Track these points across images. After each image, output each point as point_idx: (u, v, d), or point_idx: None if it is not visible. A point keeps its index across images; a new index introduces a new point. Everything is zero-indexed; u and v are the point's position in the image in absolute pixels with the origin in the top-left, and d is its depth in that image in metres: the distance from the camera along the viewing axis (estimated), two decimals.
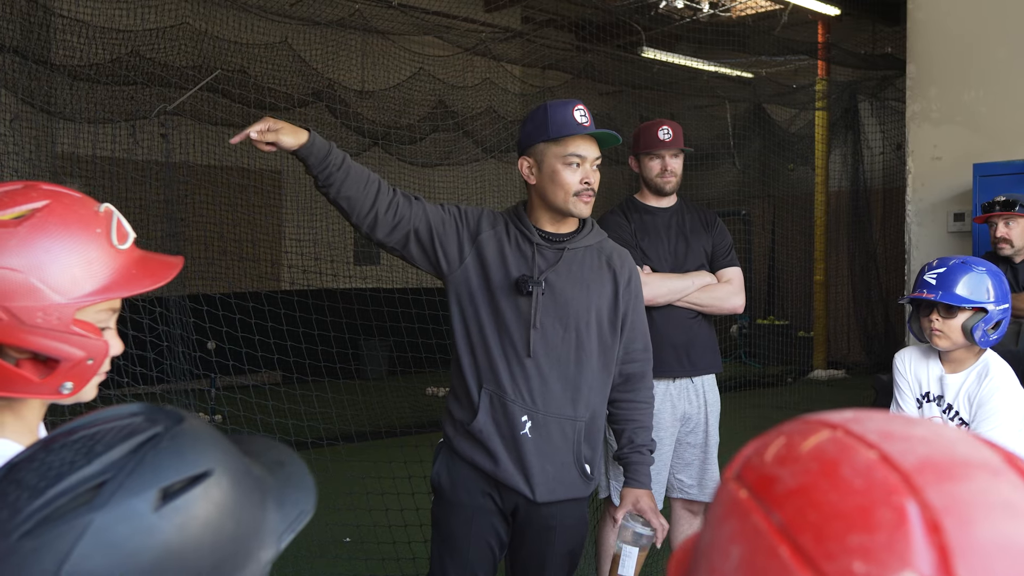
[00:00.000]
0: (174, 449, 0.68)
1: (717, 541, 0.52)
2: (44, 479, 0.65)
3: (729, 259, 3.20)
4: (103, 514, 0.63)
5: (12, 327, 1.02)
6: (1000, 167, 5.58)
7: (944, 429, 0.52)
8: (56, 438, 0.69)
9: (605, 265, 2.27)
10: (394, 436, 6.56)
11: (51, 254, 1.03)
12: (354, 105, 8.31)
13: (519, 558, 2.27)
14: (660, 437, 3.08)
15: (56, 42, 6.48)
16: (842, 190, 11.12)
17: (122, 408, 0.72)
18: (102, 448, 0.66)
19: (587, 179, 2.16)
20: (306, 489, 0.79)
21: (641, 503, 2.25)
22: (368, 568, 4.04)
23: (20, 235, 1.02)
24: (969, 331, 2.38)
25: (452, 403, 2.27)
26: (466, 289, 2.20)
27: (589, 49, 9.22)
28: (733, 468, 0.55)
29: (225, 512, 0.68)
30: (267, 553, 0.72)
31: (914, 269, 6.21)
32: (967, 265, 2.41)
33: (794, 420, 0.57)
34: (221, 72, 7.05)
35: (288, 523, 0.75)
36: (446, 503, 2.24)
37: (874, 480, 0.47)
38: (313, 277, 8.30)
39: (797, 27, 9.82)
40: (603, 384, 2.26)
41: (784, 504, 0.48)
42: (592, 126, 2.16)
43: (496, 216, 2.27)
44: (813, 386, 10.27)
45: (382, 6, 7.50)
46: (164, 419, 0.71)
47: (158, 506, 0.65)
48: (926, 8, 6.19)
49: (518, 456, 2.16)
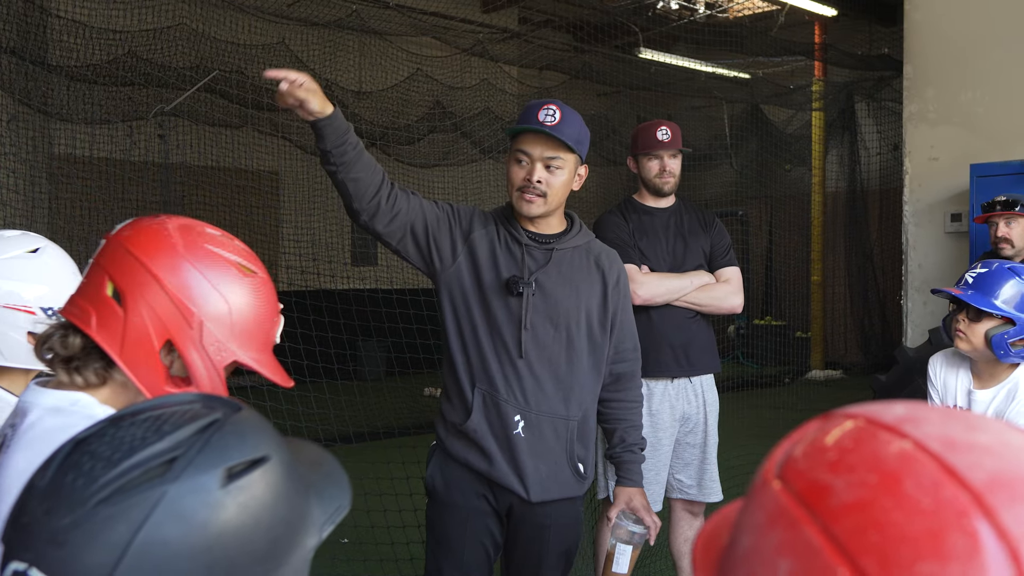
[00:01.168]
0: (236, 433, 0.74)
1: (762, 549, 0.48)
2: (118, 451, 0.70)
3: (727, 259, 3.20)
4: (176, 487, 0.68)
5: (190, 337, 1.17)
6: (997, 167, 5.58)
7: (1008, 433, 0.49)
8: (124, 417, 0.74)
9: (594, 265, 2.28)
10: (392, 437, 6.56)
11: (255, 315, 1.22)
12: (352, 106, 8.30)
13: (514, 558, 2.27)
14: (659, 437, 3.08)
15: (53, 43, 6.47)
16: (839, 191, 11.13)
17: (181, 395, 0.79)
18: (170, 428, 0.72)
19: (530, 176, 2.14)
20: (343, 486, 0.84)
21: (634, 501, 2.28)
22: (366, 569, 4.04)
23: (245, 284, 1.21)
24: (990, 340, 2.25)
25: (445, 405, 2.27)
26: (459, 288, 2.20)
27: (586, 50, 9.23)
28: (773, 466, 0.51)
29: (279, 496, 0.73)
30: (311, 541, 0.78)
31: (911, 270, 6.22)
32: (1012, 272, 2.26)
33: (837, 414, 0.53)
34: (219, 73, 7.04)
35: (328, 515, 0.80)
36: (440, 505, 2.24)
37: (942, 500, 0.43)
38: (311, 278, 8.29)
39: (794, 28, 9.83)
40: (594, 383, 2.28)
41: (841, 519, 0.45)
42: (558, 127, 2.10)
43: (487, 216, 2.27)
44: (810, 386, 10.28)
45: (379, 7, 7.50)
46: (222, 406, 0.77)
47: (224, 483, 0.70)
48: (923, 9, 6.21)
49: (512, 456, 2.16)
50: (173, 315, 1.17)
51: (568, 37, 9.52)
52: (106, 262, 1.19)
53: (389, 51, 8.47)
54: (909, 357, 4.68)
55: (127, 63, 6.67)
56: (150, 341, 1.17)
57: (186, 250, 1.19)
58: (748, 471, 5.01)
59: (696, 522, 3.26)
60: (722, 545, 0.54)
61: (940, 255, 6.09)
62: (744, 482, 4.81)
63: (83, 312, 1.17)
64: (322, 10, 7.53)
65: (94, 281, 1.19)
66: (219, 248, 1.21)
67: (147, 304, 1.16)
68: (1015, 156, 5.61)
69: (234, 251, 1.23)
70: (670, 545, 3.29)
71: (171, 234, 1.20)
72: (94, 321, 1.16)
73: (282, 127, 8.02)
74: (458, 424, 2.19)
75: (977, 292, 2.25)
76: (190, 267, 1.18)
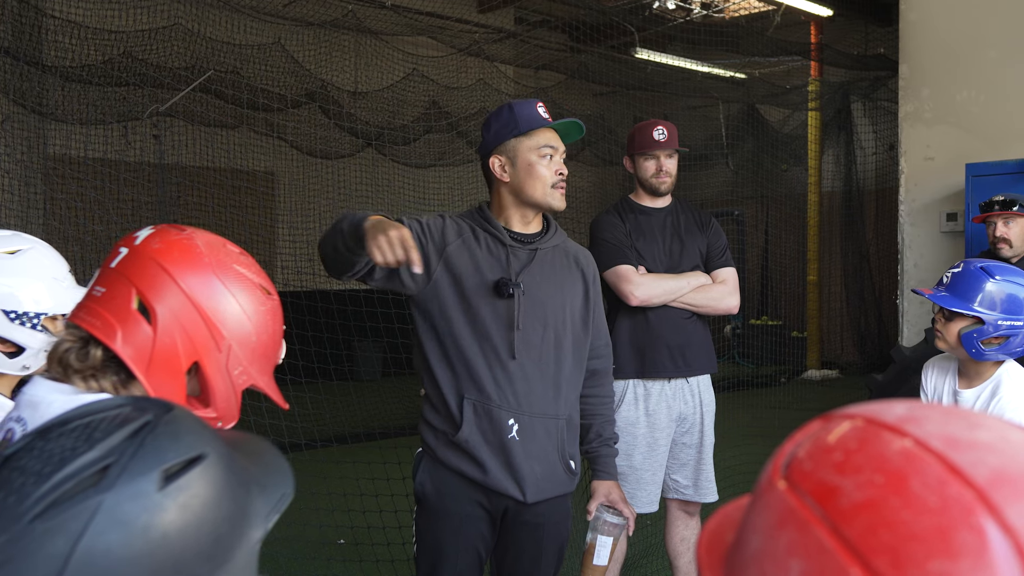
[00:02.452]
0: (170, 434, 0.72)
1: (772, 551, 0.49)
2: (48, 464, 0.68)
3: (724, 260, 3.20)
4: (112, 495, 0.67)
5: (218, 361, 1.15)
6: (992, 167, 5.59)
7: (1007, 430, 0.50)
8: (51, 428, 0.72)
9: (574, 264, 2.31)
10: (388, 437, 6.54)
11: (272, 340, 1.21)
12: (347, 106, 8.30)
13: (508, 559, 2.26)
14: (656, 438, 3.08)
15: (48, 43, 6.46)
16: (835, 190, 11.15)
17: (109, 400, 0.77)
18: (100, 435, 0.70)
19: (561, 170, 2.20)
20: (284, 474, 0.84)
21: (613, 494, 2.31)
22: (362, 570, 4.03)
23: (267, 307, 1.20)
24: (961, 338, 2.29)
25: (430, 412, 2.22)
26: (437, 304, 2.16)
27: (582, 50, 9.22)
28: (779, 466, 0.52)
29: (220, 492, 0.73)
30: (257, 533, 0.77)
31: (907, 269, 6.23)
32: (984, 272, 2.29)
33: (839, 414, 0.53)
34: (214, 73, 7.03)
35: (272, 505, 0.80)
36: (432, 512, 2.20)
37: (948, 497, 0.44)
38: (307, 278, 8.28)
39: (790, 28, 9.85)
40: (578, 381, 2.30)
41: (852, 520, 0.46)
42: (556, 121, 2.21)
43: (460, 223, 2.23)
44: (807, 386, 10.29)
45: (375, 7, 7.49)
46: (152, 408, 0.75)
47: (162, 486, 0.69)
48: (918, 9, 6.21)
49: (507, 461, 2.15)
50: (204, 337, 1.14)
51: (564, 37, 9.52)
52: (133, 274, 1.14)
53: (385, 51, 8.47)
54: (905, 356, 4.68)
55: (122, 63, 6.66)
56: (178, 362, 1.13)
57: (218, 270, 1.16)
58: (744, 471, 5.02)
59: (692, 522, 3.26)
60: (726, 545, 0.55)
61: (936, 255, 6.09)
62: (740, 482, 4.82)
63: (107, 325, 1.12)
64: (318, 10, 7.52)
65: (119, 293, 1.14)
66: (245, 269, 1.19)
67: (179, 324, 1.12)
68: (1010, 156, 5.62)
69: (256, 272, 1.21)
70: (666, 545, 3.28)
71: (202, 252, 1.16)
72: (119, 336, 1.12)
73: (278, 127, 8.02)
74: (448, 435, 2.16)
75: (951, 293, 2.30)
76: (223, 289, 1.15)
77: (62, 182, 7.06)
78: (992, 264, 2.34)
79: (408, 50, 8.54)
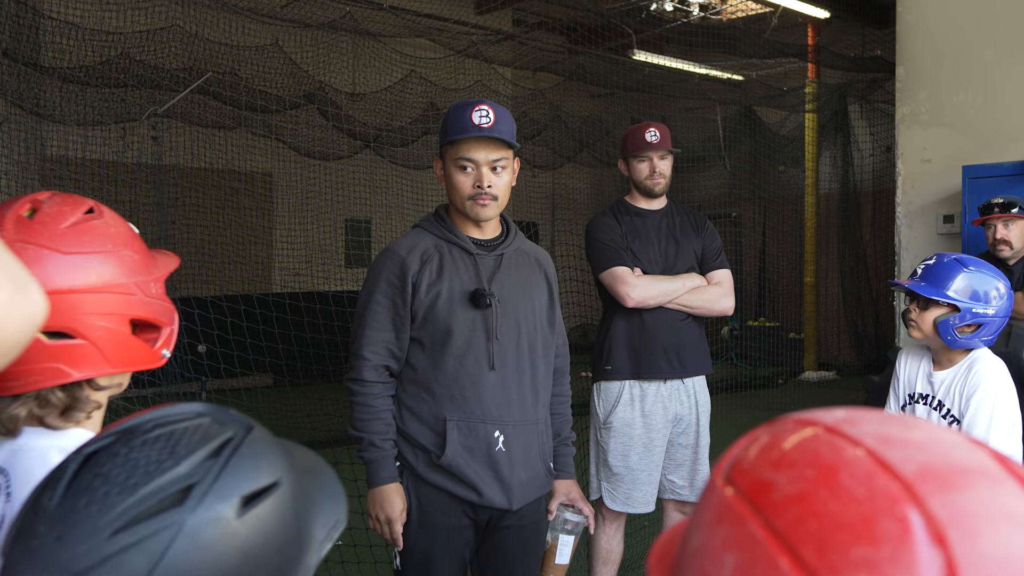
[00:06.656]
0: (251, 456, 0.73)
1: (709, 547, 0.50)
2: (132, 476, 0.67)
3: (719, 261, 3.21)
4: (194, 517, 0.67)
5: (140, 301, 1.13)
6: (989, 169, 5.61)
7: (939, 432, 0.51)
8: (134, 433, 0.71)
9: (536, 266, 2.28)
10: None
11: (136, 241, 1.17)
12: (345, 107, 8.30)
13: (491, 563, 2.26)
14: (652, 438, 3.09)
15: (45, 44, 6.46)
16: (832, 192, 11.16)
17: (186, 407, 0.76)
18: (184, 450, 0.70)
19: (480, 182, 2.09)
20: (339, 498, 0.83)
21: (572, 492, 2.33)
22: (360, 571, 4.03)
23: (122, 228, 1.16)
24: (937, 326, 2.39)
25: (411, 424, 2.16)
26: (426, 331, 2.13)
27: (580, 51, 9.24)
28: (722, 469, 0.53)
29: (289, 520, 0.74)
30: (313, 559, 0.78)
31: (904, 271, 6.24)
32: (958, 263, 2.40)
33: (782, 419, 0.55)
34: (212, 74, 7.03)
35: (327, 531, 0.80)
36: (416, 525, 2.16)
37: (875, 489, 0.46)
38: (304, 279, 8.30)
39: (787, 30, 9.87)
40: (550, 382, 2.31)
41: (782, 512, 0.47)
42: (495, 127, 2.06)
43: (415, 243, 2.17)
44: (804, 387, 10.30)
45: (373, 8, 7.50)
46: (232, 423, 0.75)
47: (240, 513, 0.69)
48: (915, 11, 6.23)
49: (495, 474, 2.14)
50: (113, 300, 1.09)
51: (562, 39, 9.53)
52: None
53: (383, 53, 8.47)
54: None
55: (120, 65, 6.66)
56: (122, 335, 1.11)
57: (53, 243, 1.06)
58: None
59: None
60: (675, 553, 0.56)
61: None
62: None
63: (47, 372, 1.05)
64: (316, 11, 7.53)
65: None
66: (60, 221, 1.08)
67: (85, 314, 1.07)
68: (1007, 158, 5.63)
69: (64, 210, 1.10)
70: None
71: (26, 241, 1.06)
72: (67, 369, 1.06)
73: (276, 129, 8.02)
74: (433, 455, 2.13)
75: (927, 283, 2.40)
76: (76, 257, 1.07)
77: (60, 183, 7.05)
78: (964, 256, 2.46)
79: (406, 51, 8.55)
